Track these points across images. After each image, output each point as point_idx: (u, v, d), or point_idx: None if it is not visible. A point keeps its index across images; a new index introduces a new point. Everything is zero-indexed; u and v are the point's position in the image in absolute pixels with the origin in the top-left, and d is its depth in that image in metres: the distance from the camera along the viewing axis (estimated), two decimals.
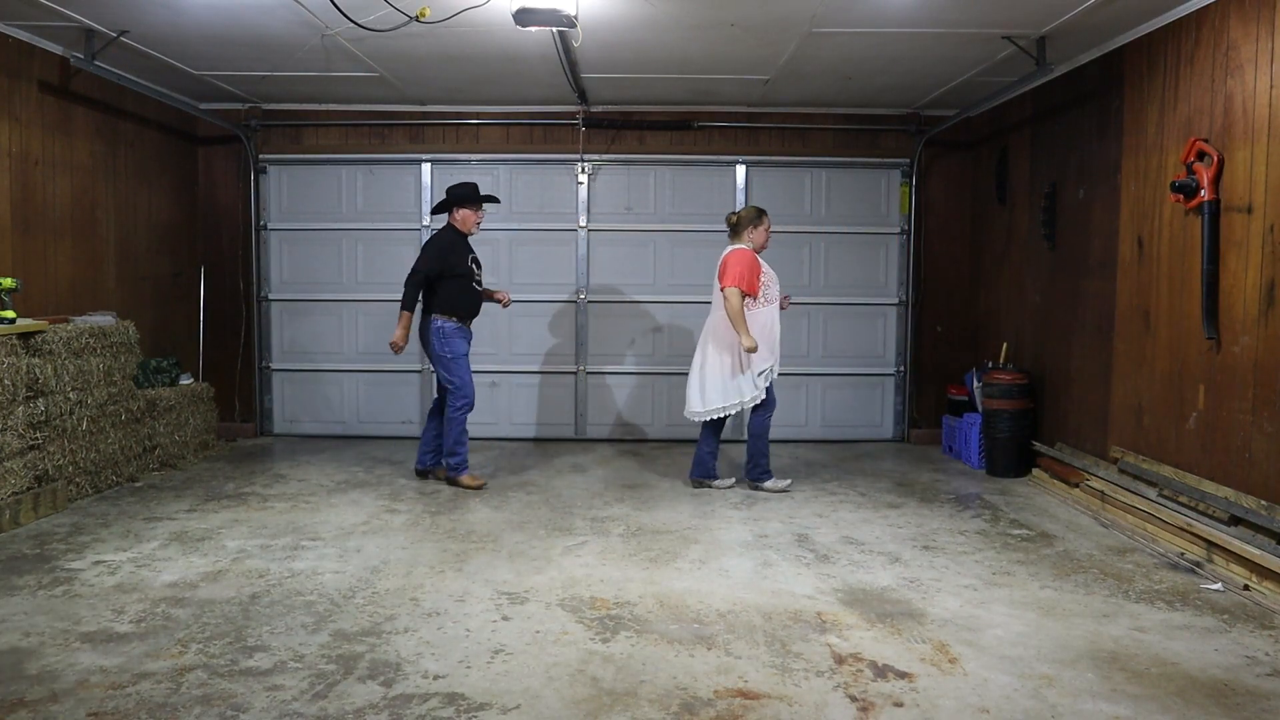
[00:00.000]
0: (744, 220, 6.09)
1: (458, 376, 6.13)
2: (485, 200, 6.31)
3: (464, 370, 6.16)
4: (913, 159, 8.15)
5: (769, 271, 6.07)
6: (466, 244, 6.23)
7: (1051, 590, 4.29)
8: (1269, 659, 3.52)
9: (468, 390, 6.17)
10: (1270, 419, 4.42)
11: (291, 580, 4.33)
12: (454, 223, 6.22)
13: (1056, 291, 6.66)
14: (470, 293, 6.20)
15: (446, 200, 6.25)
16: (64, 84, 6.32)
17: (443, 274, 6.08)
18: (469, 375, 6.20)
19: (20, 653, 3.47)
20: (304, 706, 3.06)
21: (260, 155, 8.18)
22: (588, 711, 3.05)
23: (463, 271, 6.13)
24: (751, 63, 6.55)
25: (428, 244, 6.30)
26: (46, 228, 6.20)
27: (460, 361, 6.14)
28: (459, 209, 6.19)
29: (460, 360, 6.14)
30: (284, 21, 5.64)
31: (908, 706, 3.10)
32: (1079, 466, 6.11)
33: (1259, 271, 4.50)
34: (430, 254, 6.12)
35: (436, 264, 6.06)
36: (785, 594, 4.20)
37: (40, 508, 5.33)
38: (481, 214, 6.29)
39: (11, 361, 5.15)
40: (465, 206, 6.19)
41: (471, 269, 6.20)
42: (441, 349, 6.12)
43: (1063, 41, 5.86)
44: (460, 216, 6.20)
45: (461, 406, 6.16)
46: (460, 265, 6.13)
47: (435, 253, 6.11)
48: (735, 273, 5.89)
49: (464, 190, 6.23)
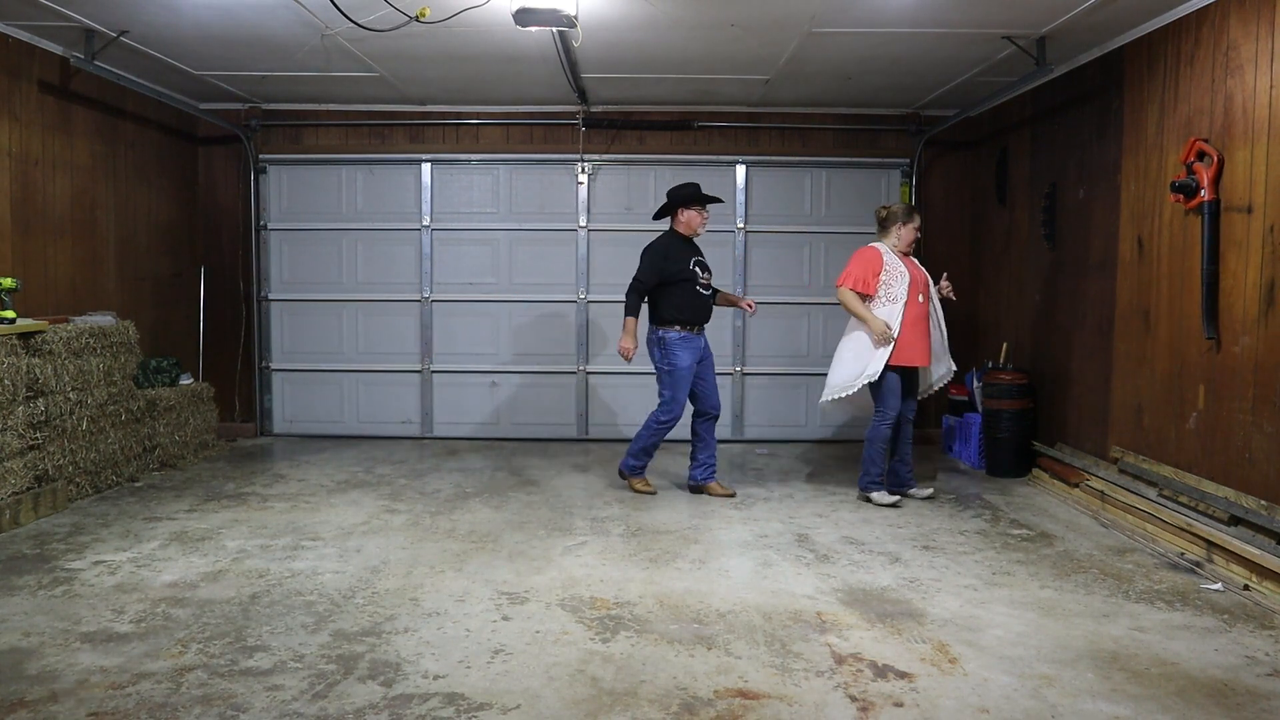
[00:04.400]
0: (891, 216, 5.88)
1: (669, 390, 5.89)
2: (708, 200, 6.04)
3: (680, 386, 5.88)
4: (913, 159, 8.15)
5: (895, 269, 5.77)
6: (689, 246, 5.99)
7: (1051, 590, 4.28)
8: (1269, 659, 3.52)
9: (677, 409, 5.91)
10: (1270, 419, 4.42)
11: (291, 580, 4.33)
12: (676, 225, 6.00)
13: (1056, 291, 6.66)
14: (695, 297, 5.91)
15: (669, 203, 6.02)
16: (64, 84, 6.32)
17: (663, 281, 5.85)
18: (684, 393, 5.91)
19: (20, 653, 3.47)
20: (304, 706, 3.06)
21: (260, 155, 8.18)
22: (588, 711, 3.05)
23: (685, 276, 5.88)
24: (751, 63, 6.55)
25: (645, 250, 5.99)
26: (46, 228, 6.20)
27: (677, 375, 5.87)
28: (684, 211, 5.96)
29: (678, 373, 5.86)
30: (284, 21, 5.64)
31: (908, 706, 3.10)
32: (1079, 466, 6.11)
33: (1259, 271, 4.50)
34: (647, 261, 5.89)
35: (654, 272, 5.84)
36: (785, 594, 4.20)
37: (40, 508, 5.33)
38: (706, 214, 6.04)
39: (11, 361, 5.15)
40: (690, 208, 5.96)
41: (695, 272, 5.92)
42: (661, 361, 5.91)
43: (1063, 41, 5.86)
44: (685, 219, 5.97)
45: (667, 421, 5.93)
46: (682, 270, 5.87)
47: (652, 259, 5.88)
48: (846, 270, 5.80)
49: (688, 191, 5.99)
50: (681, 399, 5.94)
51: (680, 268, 5.90)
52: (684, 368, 5.88)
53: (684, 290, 5.90)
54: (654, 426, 5.98)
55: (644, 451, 6.09)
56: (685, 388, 5.93)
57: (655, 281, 5.88)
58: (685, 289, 5.91)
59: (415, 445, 7.97)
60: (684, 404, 5.97)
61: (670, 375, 5.90)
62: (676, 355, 5.88)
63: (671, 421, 5.96)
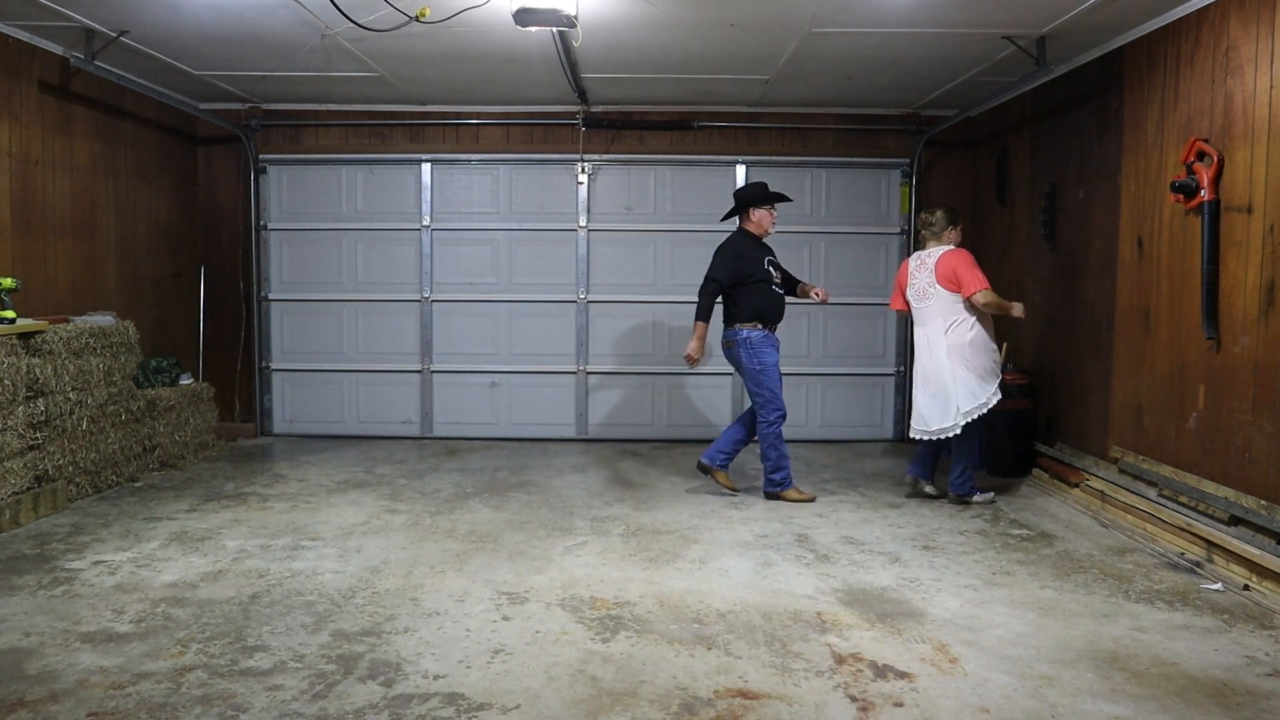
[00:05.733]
0: (939, 221, 5.80)
1: (768, 388, 5.84)
2: (777, 199, 6.01)
3: (774, 380, 5.85)
4: (913, 159, 8.15)
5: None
6: (761, 246, 5.97)
7: (1051, 590, 4.28)
8: (1269, 659, 3.52)
9: (779, 401, 5.86)
10: (1270, 419, 4.42)
11: (291, 580, 4.33)
12: (747, 225, 5.98)
13: (1056, 291, 6.66)
14: (770, 295, 5.90)
15: (738, 204, 6.00)
16: (64, 84, 6.32)
17: (738, 281, 5.84)
18: (780, 385, 5.90)
19: (20, 653, 3.47)
20: (304, 706, 3.06)
21: (260, 155, 8.18)
22: (588, 711, 3.05)
23: (761, 275, 5.87)
24: (751, 63, 6.55)
25: (718, 251, 5.97)
26: (46, 228, 6.20)
27: (770, 371, 5.84)
28: (754, 210, 5.94)
29: (770, 370, 5.84)
30: (284, 21, 5.64)
31: (908, 706, 3.10)
32: (1079, 466, 6.11)
33: (1259, 271, 4.50)
34: (722, 262, 5.86)
35: (730, 272, 5.82)
36: (785, 594, 4.20)
37: (40, 508, 5.33)
38: (775, 213, 6.03)
39: (11, 361, 5.15)
40: (760, 207, 5.94)
41: (770, 272, 5.92)
42: (750, 361, 5.85)
43: (1063, 41, 5.86)
44: (756, 218, 5.95)
45: (775, 420, 5.86)
46: (757, 270, 5.86)
47: (727, 260, 5.86)
48: (966, 275, 5.59)
49: (756, 190, 5.98)
50: (780, 394, 5.90)
51: (756, 268, 5.88)
52: (773, 364, 5.89)
53: (761, 290, 5.88)
54: (769, 432, 5.86)
55: (781, 459, 5.90)
56: (780, 383, 5.92)
57: (731, 282, 5.85)
58: (762, 289, 5.89)
59: (415, 445, 7.97)
60: (782, 398, 5.92)
61: (763, 373, 5.86)
62: (764, 353, 5.86)
63: (780, 419, 5.89)
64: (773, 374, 5.88)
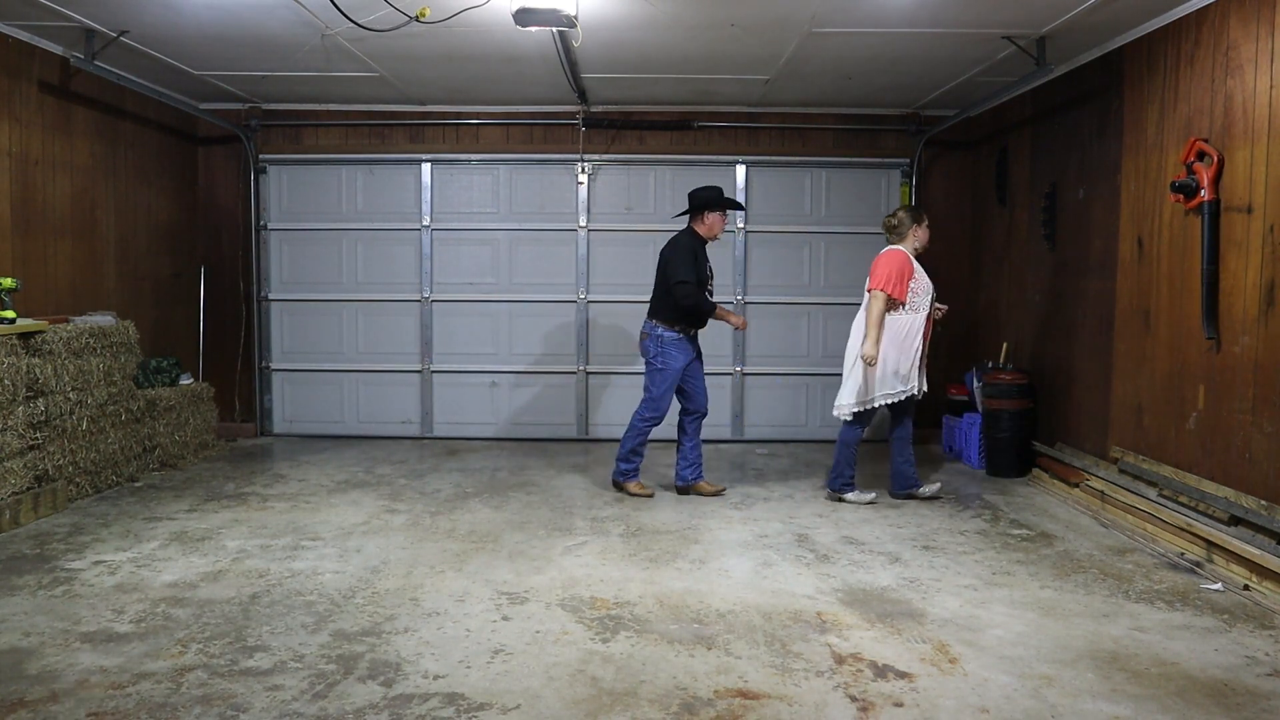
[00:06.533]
0: (902, 222, 5.82)
1: (656, 388, 5.91)
2: (731, 205, 6.04)
3: (669, 385, 5.90)
4: (913, 159, 8.15)
5: (923, 279, 5.77)
6: (704, 250, 5.96)
7: (1051, 590, 4.28)
8: (1269, 659, 3.52)
9: (663, 406, 5.94)
10: (1270, 419, 4.42)
11: (291, 580, 4.33)
12: (697, 227, 5.93)
13: (1056, 291, 6.66)
14: (704, 302, 5.90)
15: (692, 205, 5.96)
16: (64, 84, 6.32)
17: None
18: (670, 392, 5.94)
19: (20, 653, 3.47)
20: (304, 706, 3.06)
21: (260, 155, 8.18)
22: (588, 711, 3.05)
23: (704, 280, 5.88)
24: (751, 63, 6.55)
25: (673, 250, 5.91)
26: (46, 228, 6.20)
27: (669, 374, 5.88)
28: (708, 214, 5.91)
29: (669, 373, 5.88)
30: (284, 21, 5.64)
31: (908, 706, 3.10)
32: (1079, 466, 6.11)
33: (1259, 271, 4.50)
34: (683, 261, 5.81)
35: (695, 269, 5.79)
36: (785, 594, 4.20)
37: (40, 508, 5.33)
38: (726, 220, 6.04)
39: (11, 361, 5.15)
40: (715, 211, 5.91)
41: (710, 277, 5.96)
42: (655, 358, 5.91)
43: (1063, 41, 5.86)
44: (709, 222, 5.92)
45: (650, 419, 5.96)
46: (703, 274, 5.87)
47: (687, 258, 5.81)
48: (884, 274, 5.63)
49: (712, 194, 5.94)
50: (668, 398, 5.98)
51: (703, 273, 5.89)
52: (676, 369, 5.92)
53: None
54: (640, 425, 6.00)
55: (633, 453, 6.08)
56: (673, 387, 5.97)
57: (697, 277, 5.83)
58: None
59: (415, 445, 7.97)
60: (669, 403, 6.01)
61: (661, 374, 5.93)
62: (672, 355, 5.91)
63: (656, 419, 5.99)
64: (671, 377, 5.91)
